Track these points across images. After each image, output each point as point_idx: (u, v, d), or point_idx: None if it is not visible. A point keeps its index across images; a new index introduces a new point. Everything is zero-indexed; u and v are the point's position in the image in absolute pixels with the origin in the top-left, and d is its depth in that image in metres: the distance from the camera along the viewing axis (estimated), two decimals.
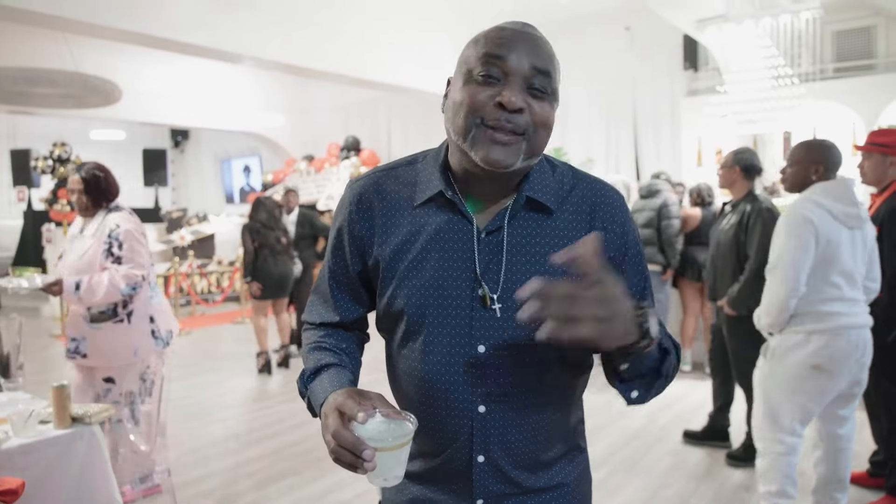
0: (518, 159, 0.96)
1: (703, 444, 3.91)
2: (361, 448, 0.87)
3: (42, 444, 2.17)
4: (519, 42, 0.96)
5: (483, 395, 1.02)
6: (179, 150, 15.88)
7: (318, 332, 1.17)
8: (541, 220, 1.03)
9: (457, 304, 1.02)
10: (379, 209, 1.07)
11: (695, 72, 8.55)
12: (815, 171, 2.66)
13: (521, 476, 1.07)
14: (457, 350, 1.02)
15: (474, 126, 0.96)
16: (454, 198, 1.03)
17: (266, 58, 7.20)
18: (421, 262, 1.03)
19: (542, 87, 0.96)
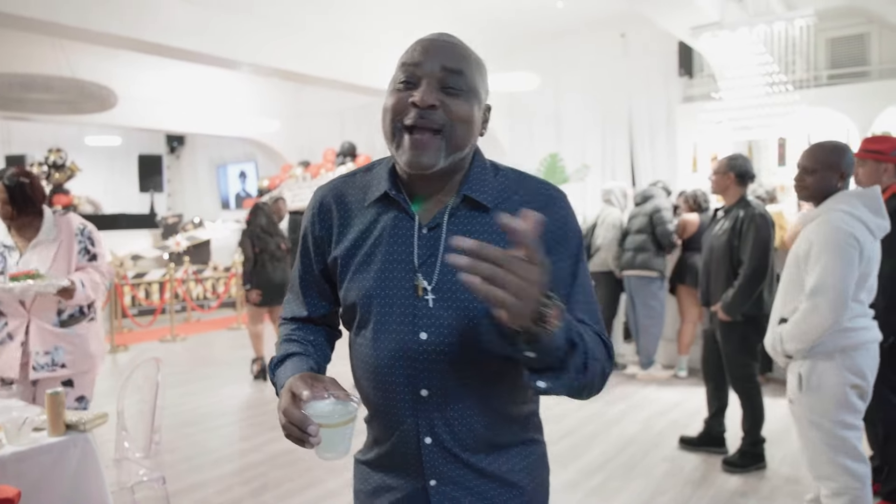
0: (440, 158, 1.06)
1: (699, 450, 3.91)
2: (307, 424, 0.97)
3: (36, 451, 2.16)
4: (431, 48, 1.07)
5: (425, 379, 1.09)
6: (175, 155, 15.87)
7: (289, 325, 1.28)
8: (479, 217, 1.11)
9: (401, 294, 1.10)
10: (337, 212, 1.18)
11: (690, 78, 8.59)
12: (841, 178, 2.46)
13: (469, 458, 1.13)
14: (401, 337, 1.09)
15: (396, 130, 1.07)
16: (398, 196, 1.12)
17: (262, 63, 7.21)
18: (370, 256, 1.13)
19: (455, 86, 1.06)
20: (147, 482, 2.76)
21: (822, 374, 2.39)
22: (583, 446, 4.05)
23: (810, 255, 2.39)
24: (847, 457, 2.40)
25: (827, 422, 2.40)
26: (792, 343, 2.42)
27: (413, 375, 1.09)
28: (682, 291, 5.51)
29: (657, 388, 5.38)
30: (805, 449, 2.50)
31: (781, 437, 4.01)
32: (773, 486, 3.43)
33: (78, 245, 2.90)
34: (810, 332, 2.36)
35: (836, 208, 2.39)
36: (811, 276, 2.37)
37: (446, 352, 1.08)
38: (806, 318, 2.36)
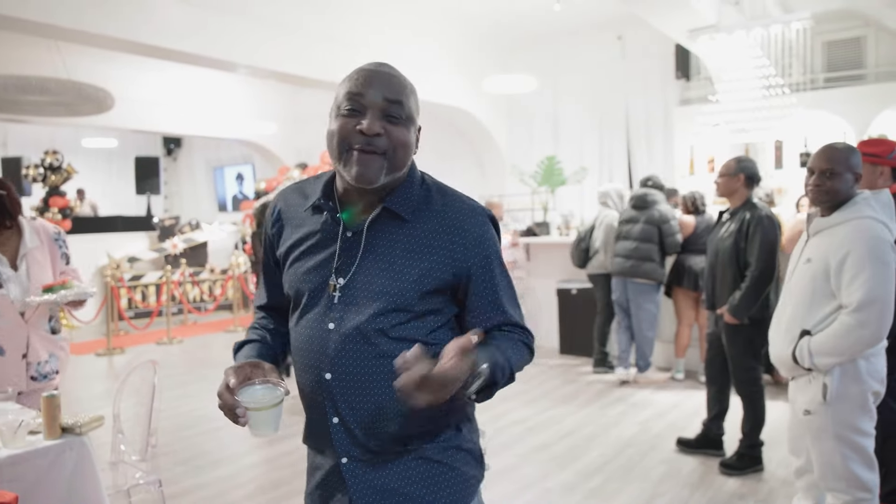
0: (381, 175, 1.21)
1: (697, 453, 3.91)
2: (235, 406, 1.16)
3: (32, 454, 2.15)
4: (374, 80, 1.22)
5: (329, 364, 1.24)
6: (172, 157, 15.83)
7: (258, 313, 1.47)
8: (397, 226, 1.26)
9: (320, 288, 1.27)
10: (285, 214, 1.36)
11: (687, 81, 8.61)
12: (856, 180, 2.38)
13: (372, 442, 1.25)
14: (315, 326, 1.26)
15: (343, 151, 1.21)
16: (325, 206, 1.28)
17: (259, 65, 7.20)
18: (303, 255, 1.30)
19: (396, 115, 1.21)
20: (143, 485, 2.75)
21: (848, 383, 2.31)
22: (581, 448, 4.05)
23: (845, 265, 2.26)
24: (862, 466, 2.34)
25: (848, 431, 2.33)
26: (827, 358, 2.29)
27: (320, 360, 1.25)
28: (679, 294, 5.51)
29: (654, 390, 5.38)
30: (820, 461, 2.41)
31: (779, 440, 4.01)
32: (771, 489, 3.43)
33: (59, 250, 2.88)
34: (856, 347, 2.24)
35: (866, 215, 2.28)
36: (853, 288, 2.24)
37: (348, 341, 1.22)
38: (851, 332, 2.23)
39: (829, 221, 2.38)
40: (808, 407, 2.39)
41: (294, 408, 2.13)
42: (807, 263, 2.41)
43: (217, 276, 10.49)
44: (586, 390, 5.43)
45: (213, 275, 10.55)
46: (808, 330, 2.37)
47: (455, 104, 8.94)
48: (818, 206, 2.44)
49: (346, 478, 1.26)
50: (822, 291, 2.34)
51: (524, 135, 9.91)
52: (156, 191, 13.99)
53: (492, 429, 4.35)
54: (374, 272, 1.24)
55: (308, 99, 12.01)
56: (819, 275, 2.35)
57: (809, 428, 2.42)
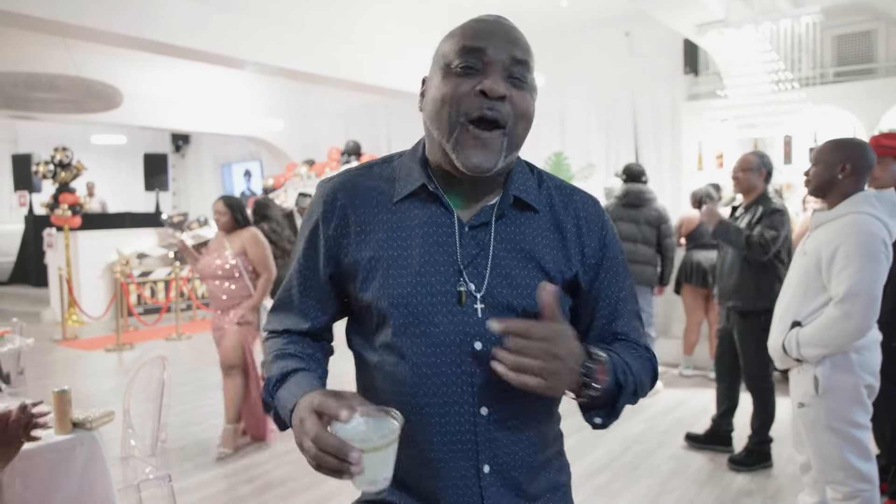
0: (499, 160, 0.96)
1: (705, 449, 3.90)
2: (347, 450, 0.81)
3: (43, 449, 2.17)
4: (497, 33, 0.97)
5: (484, 395, 0.97)
6: (180, 154, 15.90)
7: (280, 339, 1.10)
8: (528, 218, 1.04)
9: (444, 300, 0.98)
10: (354, 207, 1.04)
11: (695, 76, 8.56)
12: (842, 170, 2.40)
13: (526, 482, 1.03)
14: (451, 349, 0.97)
15: (458, 125, 0.95)
16: (436, 191, 1.01)
17: (267, 62, 7.21)
18: (405, 258, 1.00)
19: (521, 77, 0.97)
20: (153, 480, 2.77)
21: (839, 375, 2.34)
22: (588, 445, 4.05)
23: (835, 258, 2.30)
24: (859, 458, 2.37)
25: (843, 424, 2.36)
26: (813, 349, 2.33)
27: (471, 392, 0.97)
28: (687, 290, 5.48)
29: (662, 386, 5.37)
30: (817, 454, 2.44)
31: (788, 437, 3.98)
32: (780, 485, 3.42)
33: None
34: (839, 339, 2.28)
35: (864, 211, 2.31)
36: (840, 280, 2.27)
37: None
38: (834, 324, 2.27)
39: (829, 215, 2.41)
40: (802, 400, 2.43)
41: None
42: (803, 256, 2.46)
43: None
44: None
45: None
46: (799, 321, 2.41)
47: None
48: (809, 194, 2.54)
49: None
50: (815, 284, 2.38)
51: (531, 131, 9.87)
52: (164, 187, 14.05)
53: None
54: (515, 275, 1.00)
55: (315, 96, 12.03)
56: (812, 267, 2.39)
57: (803, 420, 2.46)
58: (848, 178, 2.39)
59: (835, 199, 2.42)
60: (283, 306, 1.13)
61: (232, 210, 4.07)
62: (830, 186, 2.41)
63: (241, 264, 3.99)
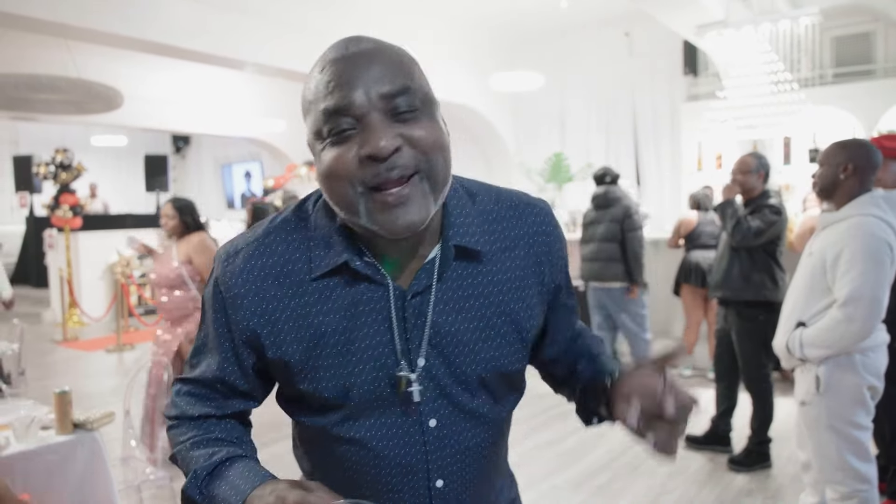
0: (429, 208, 0.80)
1: (705, 449, 3.91)
2: None
3: (44, 450, 2.18)
4: (355, 74, 0.78)
5: (440, 469, 0.92)
6: (181, 155, 15.92)
7: (195, 424, 0.94)
8: (472, 268, 0.90)
9: (386, 385, 0.88)
10: (266, 293, 0.87)
11: (694, 77, 8.57)
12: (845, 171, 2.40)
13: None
14: (403, 427, 0.90)
15: (358, 196, 0.79)
16: (362, 268, 0.86)
17: (267, 63, 7.22)
18: (334, 346, 0.87)
19: (408, 107, 0.79)
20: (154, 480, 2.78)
21: (842, 375, 2.34)
22: (588, 445, 4.05)
23: (840, 260, 2.30)
24: (858, 458, 2.37)
25: (843, 424, 2.36)
26: (816, 350, 2.35)
27: (424, 466, 0.91)
28: (686, 291, 5.49)
29: None
30: (816, 453, 2.45)
31: (787, 437, 4.00)
32: (779, 485, 3.43)
33: None
34: (842, 341, 2.29)
35: (869, 213, 2.32)
36: (843, 283, 2.29)
37: (458, 431, 0.92)
38: (838, 326, 2.29)
39: (835, 217, 2.41)
40: (804, 398, 2.45)
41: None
42: (809, 257, 2.47)
43: None
44: None
45: None
46: (803, 322, 2.42)
47: (462, 101, 8.93)
48: (816, 195, 2.53)
49: None
50: (819, 285, 2.39)
51: (530, 132, 9.90)
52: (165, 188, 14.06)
53: None
54: (466, 338, 0.89)
55: None
56: (817, 269, 2.40)
57: (805, 419, 2.47)
58: (851, 179, 2.39)
59: (841, 200, 2.42)
60: (195, 388, 0.96)
61: (181, 213, 3.79)
62: (834, 187, 2.42)
63: (186, 272, 3.70)
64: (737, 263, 3.58)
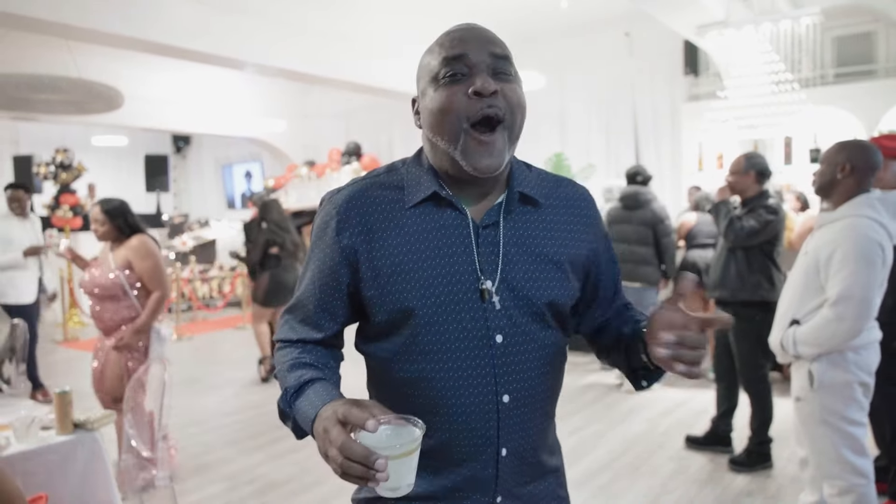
0: (505, 155, 1.02)
1: (705, 450, 3.91)
2: (373, 459, 0.84)
3: (44, 450, 2.18)
4: (472, 37, 1.02)
5: (506, 384, 1.04)
6: (181, 155, 15.91)
7: (294, 349, 1.12)
8: (531, 212, 1.10)
9: (466, 298, 1.03)
10: (368, 216, 1.06)
11: (695, 77, 8.57)
12: (842, 171, 2.41)
13: (535, 464, 1.11)
14: (474, 342, 1.03)
15: (462, 132, 0.99)
16: (449, 196, 1.05)
17: (268, 64, 7.23)
18: (425, 260, 1.04)
19: (505, 71, 1.01)
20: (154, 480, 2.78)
21: (834, 372, 2.38)
22: (588, 446, 4.05)
23: (832, 260, 2.34)
24: (853, 453, 2.41)
25: (836, 419, 2.40)
26: (808, 347, 2.40)
27: (493, 381, 1.03)
28: None
29: (662, 387, 5.37)
30: (812, 448, 2.49)
31: (788, 437, 3.99)
32: (780, 486, 3.43)
33: None
34: (833, 339, 2.33)
35: (863, 214, 2.34)
36: (835, 282, 2.32)
37: (522, 351, 1.05)
38: (828, 325, 2.33)
39: (831, 216, 2.44)
40: (798, 394, 2.49)
41: None
42: (804, 256, 2.51)
43: (226, 273, 10.53)
44: (594, 388, 5.43)
45: (222, 272, 10.60)
46: (797, 320, 2.46)
47: None
48: (815, 193, 2.55)
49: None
50: (813, 284, 2.43)
51: (531, 132, 9.80)
52: (165, 188, 14.07)
53: None
54: (526, 271, 1.06)
55: (316, 97, 12.03)
56: (811, 268, 2.43)
57: (799, 414, 2.51)
58: (848, 179, 2.41)
59: (838, 200, 2.44)
60: (296, 315, 1.14)
61: (111, 217, 3.44)
62: (832, 186, 2.45)
63: (125, 280, 3.34)
64: (733, 264, 3.59)
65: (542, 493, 1.13)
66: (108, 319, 3.36)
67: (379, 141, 11.57)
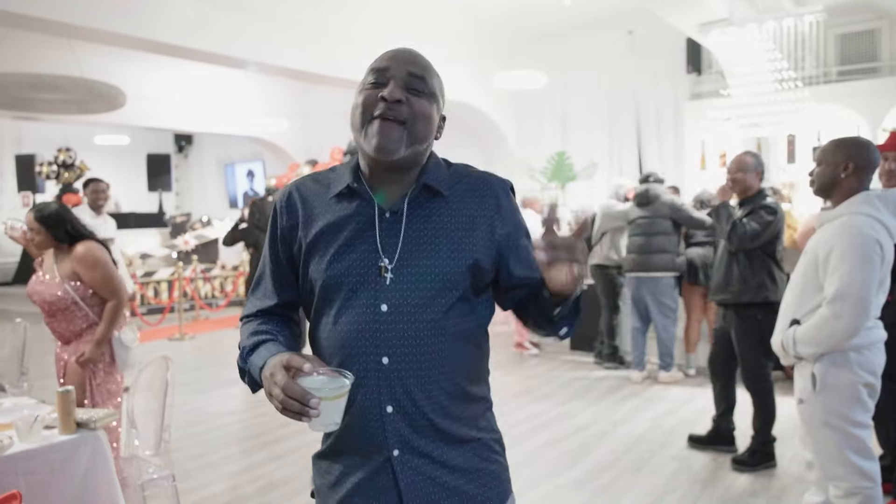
0: (401, 146, 1.19)
1: (708, 449, 3.90)
2: (308, 397, 1.02)
3: (47, 449, 2.17)
4: (397, 56, 1.24)
5: (386, 347, 1.19)
6: (183, 154, 15.93)
7: (255, 320, 1.31)
8: (436, 201, 1.25)
9: (364, 272, 1.21)
10: (302, 205, 1.29)
11: (698, 75, 8.55)
12: (846, 170, 2.39)
13: (426, 430, 1.22)
14: (364, 311, 1.20)
15: (365, 121, 1.20)
16: (359, 187, 1.25)
17: (270, 63, 7.23)
18: (334, 240, 1.23)
19: (418, 88, 1.21)
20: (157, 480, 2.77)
21: (837, 373, 2.35)
22: (591, 445, 4.04)
23: (830, 258, 2.32)
24: (859, 455, 2.37)
25: (840, 421, 2.37)
26: (807, 347, 2.37)
27: (375, 344, 1.19)
28: (687, 289, 5.49)
29: (665, 386, 5.36)
30: (816, 450, 2.46)
31: (791, 436, 3.98)
32: (783, 485, 3.42)
33: None
34: (831, 338, 2.31)
35: (861, 211, 2.33)
36: (832, 280, 2.30)
37: (405, 321, 1.19)
38: (826, 323, 2.31)
39: (831, 215, 2.42)
40: (801, 396, 2.45)
41: None
42: (804, 255, 2.48)
43: (228, 273, 10.54)
44: (597, 386, 5.42)
45: (224, 271, 10.61)
46: (797, 319, 2.43)
47: (464, 100, 8.92)
48: (813, 194, 2.54)
49: (398, 471, 1.21)
50: (813, 282, 2.40)
51: (533, 130, 9.88)
52: (167, 188, 14.10)
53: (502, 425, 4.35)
54: (423, 251, 1.22)
55: (318, 96, 12.04)
56: (811, 266, 2.41)
57: (803, 416, 2.47)
58: (851, 178, 2.39)
59: (839, 199, 2.42)
60: (255, 293, 1.35)
61: (46, 226, 3.03)
62: (834, 186, 2.42)
63: (74, 292, 3.02)
64: (736, 266, 3.58)
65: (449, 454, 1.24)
66: (64, 330, 3.10)
67: None
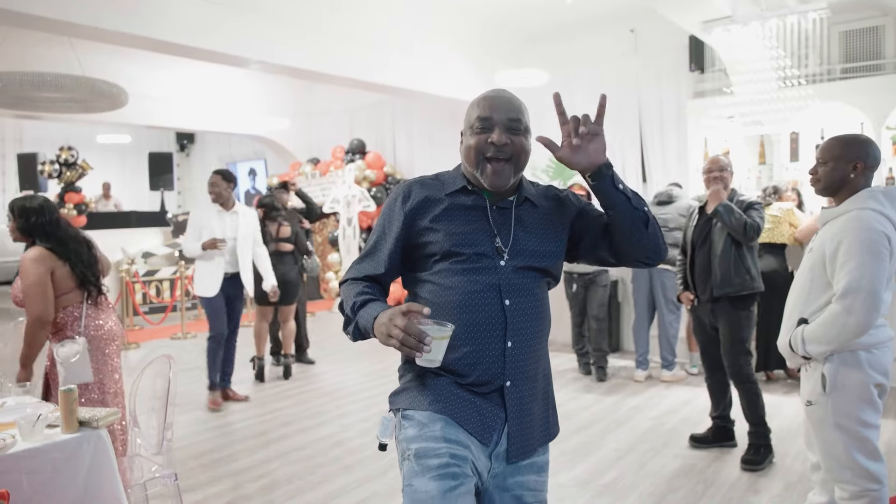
0: (510, 179, 1.60)
1: (711, 447, 3.89)
2: (423, 335, 1.37)
3: (49, 448, 2.17)
4: (495, 105, 1.60)
5: (509, 293, 1.57)
6: (185, 153, 15.93)
7: (361, 283, 1.63)
8: (531, 208, 1.67)
9: (484, 251, 1.58)
10: (421, 196, 1.62)
11: (701, 73, 8.52)
12: (855, 169, 2.38)
13: (528, 368, 1.59)
14: (488, 266, 1.57)
15: (479, 161, 1.58)
16: (473, 189, 1.63)
17: (272, 62, 7.21)
18: (455, 220, 1.59)
19: (515, 128, 1.59)
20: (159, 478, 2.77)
21: (848, 373, 2.31)
22: (594, 443, 4.04)
23: (838, 254, 2.29)
24: (867, 457, 2.34)
25: (850, 422, 2.33)
26: (817, 345, 2.32)
27: (498, 291, 1.55)
28: None
29: (668, 385, 5.36)
30: (824, 452, 2.41)
31: (794, 434, 3.97)
32: (787, 483, 3.41)
33: None
34: (842, 335, 2.27)
35: (867, 206, 2.30)
36: (841, 275, 2.27)
37: (519, 275, 1.58)
38: (836, 320, 2.27)
39: (835, 212, 2.39)
40: (810, 398, 2.41)
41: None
42: (809, 253, 2.45)
43: None
44: (598, 385, 5.41)
45: None
46: (805, 318, 2.39)
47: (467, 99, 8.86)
48: (817, 193, 2.51)
49: (508, 399, 1.56)
50: (820, 280, 2.37)
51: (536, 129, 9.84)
52: (169, 186, 14.09)
53: None
54: (528, 240, 1.62)
55: (320, 95, 12.02)
56: (817, 264, 2.38)
57: (811, 418, 2.43)
58: (860, 177, 2.37)
59: (844, 197, 2.40)
60: (364, 261, 1.67)
61: (14, 215, 2.97)
62: (842, 185, 2.40)
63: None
64: (740, 260, 3.71)
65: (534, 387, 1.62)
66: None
67: (383, 138, 11.55)
